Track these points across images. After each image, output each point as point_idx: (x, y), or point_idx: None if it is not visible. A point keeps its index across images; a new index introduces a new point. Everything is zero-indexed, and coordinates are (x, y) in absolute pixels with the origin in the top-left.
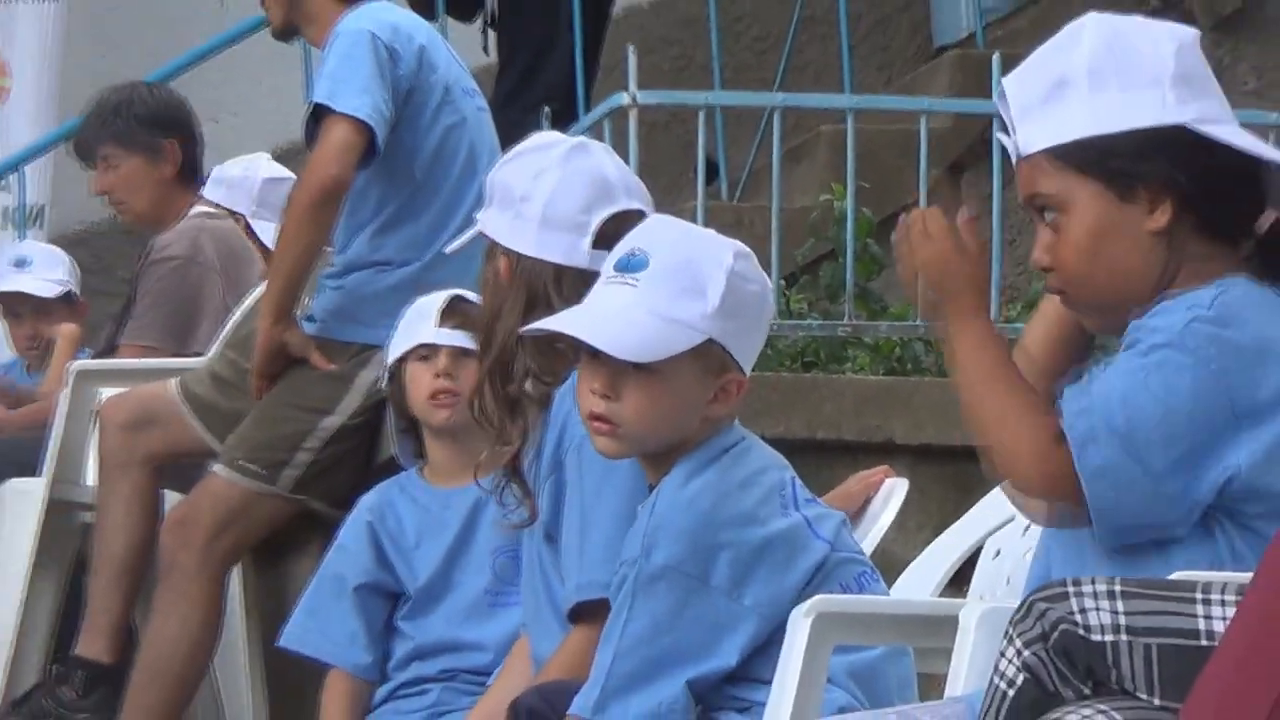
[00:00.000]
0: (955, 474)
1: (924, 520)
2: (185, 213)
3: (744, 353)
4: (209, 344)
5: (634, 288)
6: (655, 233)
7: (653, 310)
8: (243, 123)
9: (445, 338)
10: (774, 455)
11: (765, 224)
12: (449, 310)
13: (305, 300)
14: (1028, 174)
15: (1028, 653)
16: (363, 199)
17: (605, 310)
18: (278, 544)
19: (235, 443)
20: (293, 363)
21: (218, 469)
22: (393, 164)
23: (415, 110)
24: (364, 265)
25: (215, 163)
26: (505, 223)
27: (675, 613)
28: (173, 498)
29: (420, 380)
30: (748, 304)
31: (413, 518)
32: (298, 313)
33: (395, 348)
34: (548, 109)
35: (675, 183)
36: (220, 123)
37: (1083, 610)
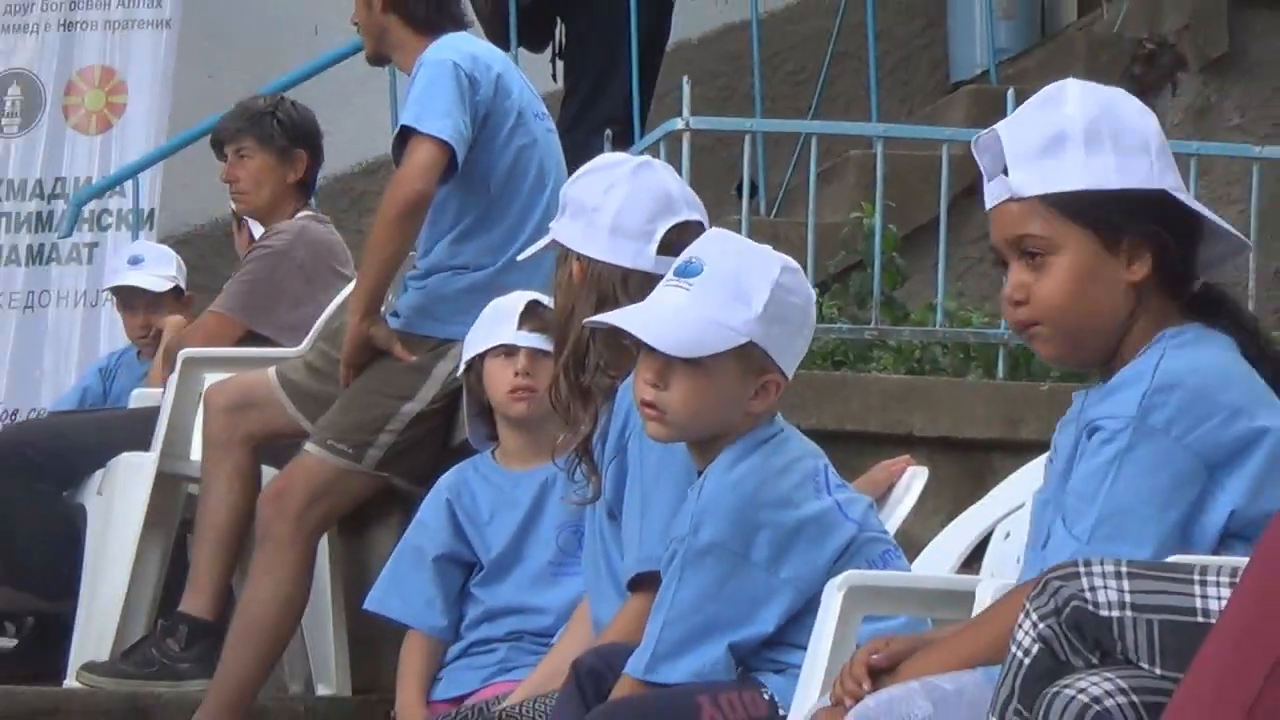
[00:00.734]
0: (969, 463)
1: (940, 505)
2: (291, 213)
3: (784, 356)
4: (282, 327)
5: (687, 291)
6: (712, 244)
7: (702, 312)
8: (332, 139)
9: (525, 339)
10: (809, 445)
11: (800, 238)
12: (527, 314)
13: (391, 298)
14: (1018, 215)
15: (1043, 625)
16: (443, 210)
17: (660, 309)
18: (362, 517)
19: (325, 425)
20: (378, 354)
21: (310, 448)
22: (470, 179)
23: (491, 132)
24: (443, 268)
25: None
26: (578, 231)
27: (719, 584)
28: (269, 473)
29: (501, 376)
30: (790, 313)
31: (486, 496)
32: (383, 310)
33: (476, 344)
34: (609, 132)
35: (720, 199)
36: None
37: (1092, 589)
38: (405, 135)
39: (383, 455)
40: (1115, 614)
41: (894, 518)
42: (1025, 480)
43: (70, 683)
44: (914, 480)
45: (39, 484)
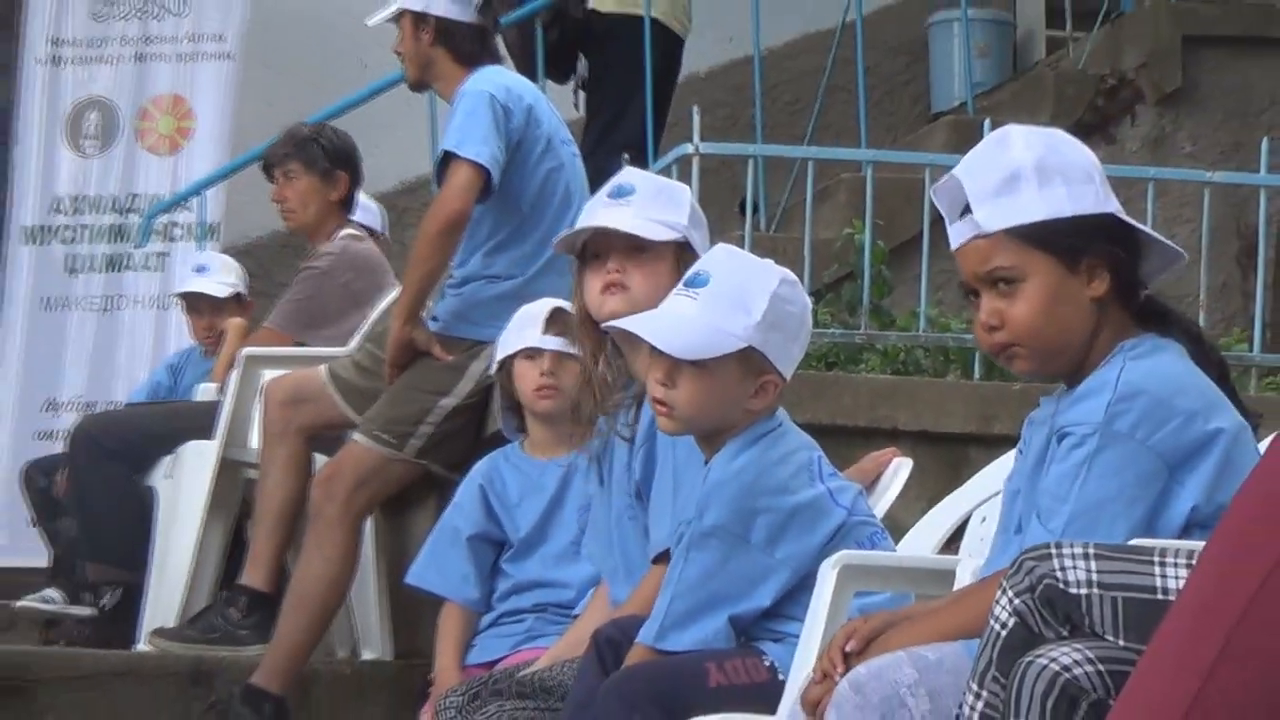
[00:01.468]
0: (948, 455)
1: (922, 492)
2: (335, 233)
3: (782, 360)
4: (334, 339)
5: (694, 300)
6: (718, 258)
7: (707, 320)
8: (376, 162)
9: (549, 343)
10: (805, 438)
11: (797, 251)
12: (552, 319)
13: (430, 304)
14: (985, 250)
15: (1018, 601)
16: (479, 225)
17: (670, 317)
18: (403, 500)
19: (371, 417)
20: (419, 354)
21: (357, 438)
22: (504, 199)
23: (523, 156)
24: (478, 278)
25: None
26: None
27: (722, 563)
28: (320, 461)
29: (527, 376)
30: (787, 321)
31: (515, 482)
32: (424, 314)
33: (506, 346)
34: (626, 155)
35: (725, 216)
36: None
37: (1063, 568)
38: (447, 159)
39: (422, 445)
40: (1083, 591)
41: (881, 503)
42: (998, 471)
43: (142, 646)
44: (899, 470)
45: (115, 468)
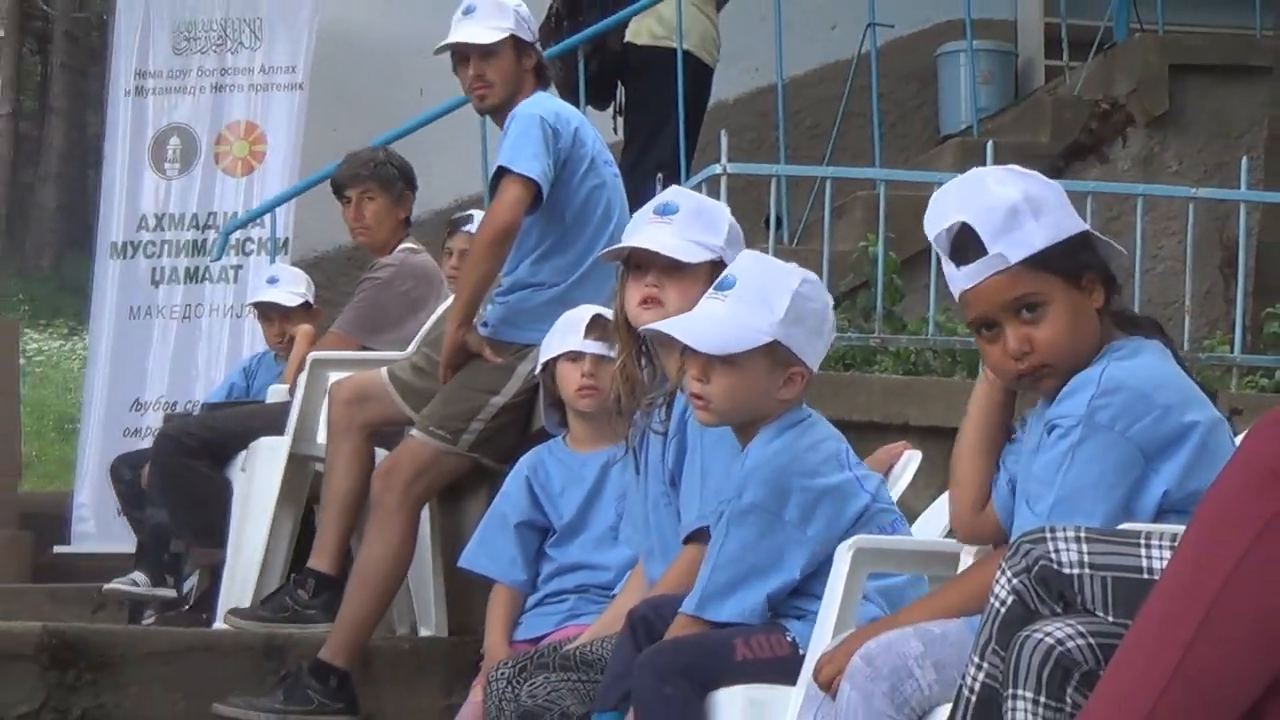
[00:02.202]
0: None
1: (931, 481)
2: (396, 246)
3: (806, 352)
4: (393, 343)
5: (723, 302)
6: (744, 263)
7: (734, 318)
8: (432, 181)
9: (590, 347)
10: (833, 429)
11: (816, 263)
12: (592, 325)
13: (481, 311)
14: (1007, 282)
15: (1015, 580)
16: (526, 236)
17: (701, 319)
18: (457, 489)
19: (427, 414)
20: (471, 357)
21: (414, 433)
22: (550, 212)
23: (569, 174)
24: (525, 285)
25: None
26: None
27: (758, 538)
28: (381, 454)
29: (569, 377)
30: (808, 316)
31: (559, 473)
32: (476, 320)
33: (550, 348)
34: (660, 175)
35: (750, 231)
36: None
37: (1056, 550)
38: (500, 175)
39: (474, 439)
40: (1075, 571)
41: (894, 492)
42: None
43: (219, 624)
44: (910, 462)
45: (196, 462)
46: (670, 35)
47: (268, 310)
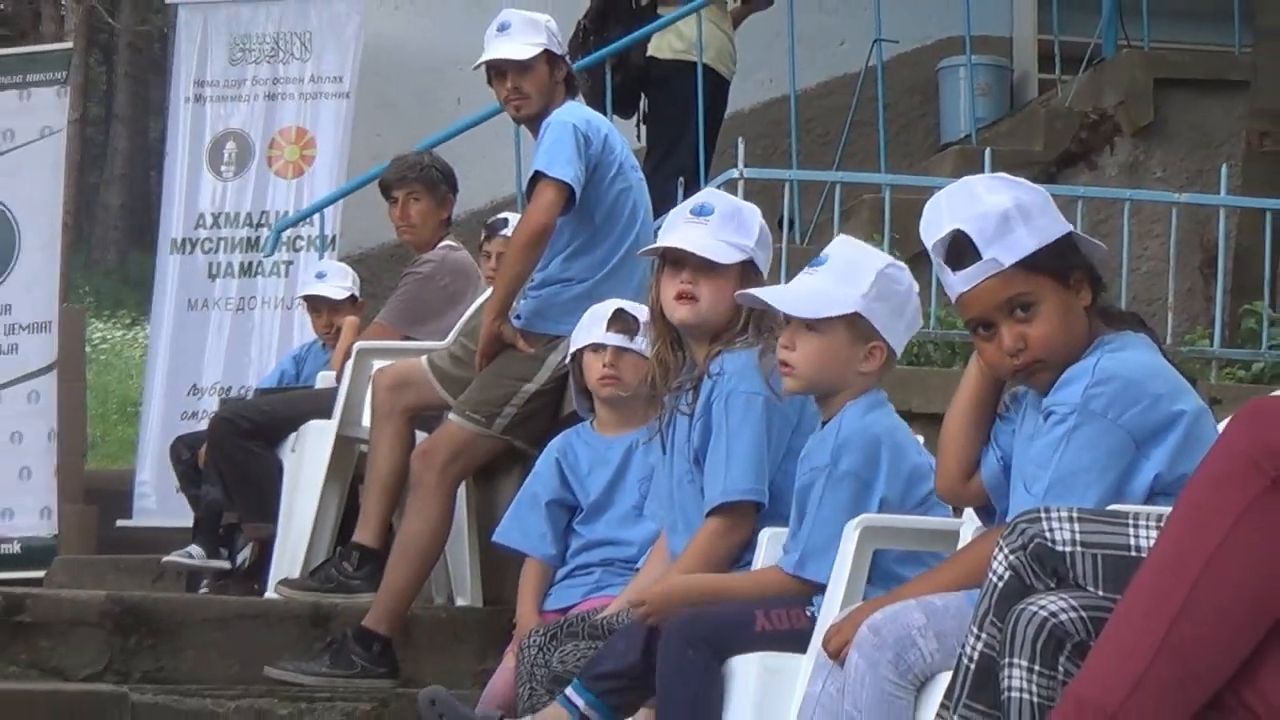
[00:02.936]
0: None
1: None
2: (437, 244)
3: (889, 330)
4: (433, 333)
5: (813, 276)
6: (838, 245)
7: (823, 289)
8: (469, 184)
9: (611, 339)
10: None
11: None
12: (615, 319)
13: (516, 304)
14: (1002, 283)
15: (1012, 557)
16: (559, 235)
17: (793, 288)
18: (491, 470)
19: (464, 400)
20: (505, 347)
21: (452, 417)
22: (581, 213)
23: (599, 178)
24: (556, 281)
25: None
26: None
27: (852, 503)
28: (420, 437)
29: (593, 366)
30: (891, 295)
31: (586, 455)
32: (510, 313)
33: (577, 341)
34: (681, 179)
35: None
36: None
37: (1051, 529)
38: (535, 179)
39: (507, 423)
40: (1069, 549)
41: None
42: None
43: (270, 594)
44: None
45: (249, 443)
46: (690, 50)
47: (316, 302)
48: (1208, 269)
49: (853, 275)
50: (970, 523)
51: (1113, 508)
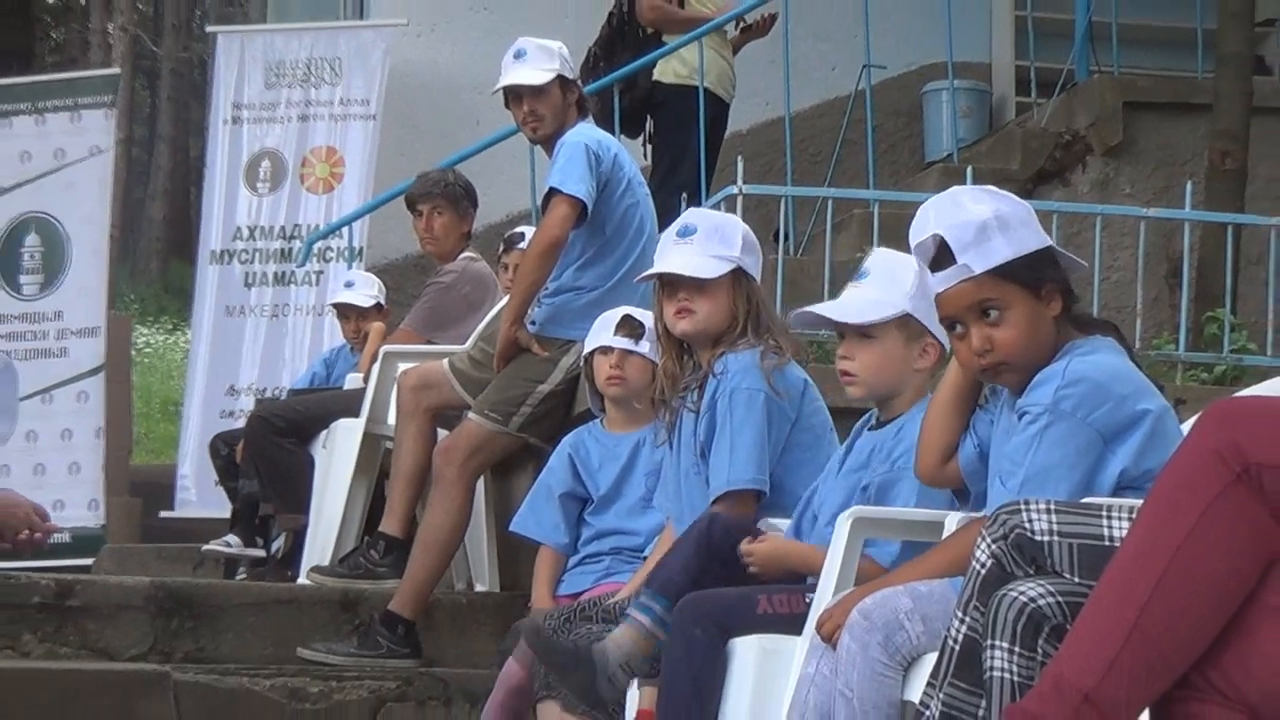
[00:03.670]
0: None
1: None
2: (458, 255)
3: (935, 325)
4: (454, 338)
5: (860, 288)
6: (877, 256)
7: (870, 297)
8: (487, 198)
9: (618, 343)
10: None
11: (818, 271)
12: (621, 324)
13: (531, 311)
14: (973, 288)
15: (994, 546)
16: (571, 246)
17: (843, 300)
18: (508, 464)
19: (483, 400)
20: (521, 350)
21: (471, 416)
22: (593, 226)
23: (609, 194)
24: (569, 289)
25: None
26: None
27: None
28: (442, 434)
29: (602, 368)
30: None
31: (596, 451)
32: (526, 319)
33: (588, 344)
34: (684, 195)
35: (762, 243)
36: None
37: (1030, 520)
38: (550, 194)
39: (523, 422)
40: (1046, 539)
41: None
42: None
43: (302, 580)
44: None
45: (283, 439)
46: (692, 75)
47: (345, 309)
48: (1173, 278)
49: (895, 280)
50: (954, 514)
51: (1086, 500)
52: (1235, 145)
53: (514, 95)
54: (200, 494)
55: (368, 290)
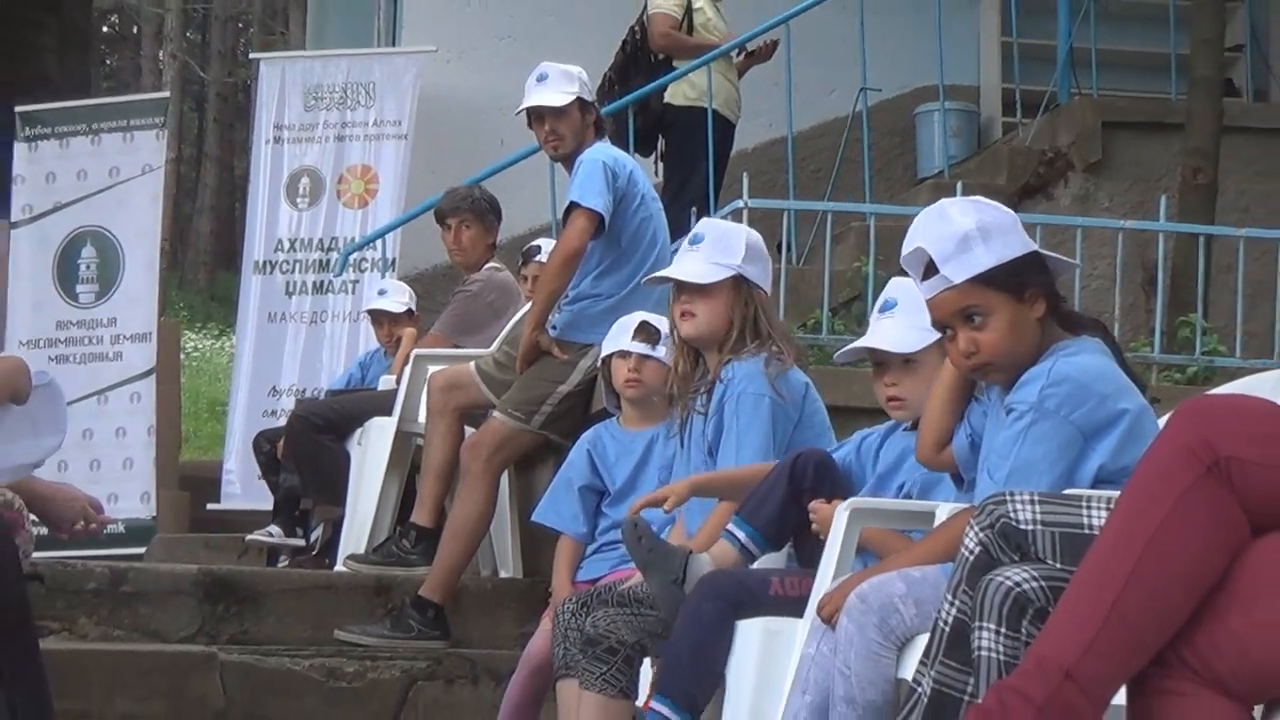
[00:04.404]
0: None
1: None
2: (484, 265)
3: None
4: (480, 342)
5: (893, 319)
6: (898, 287)
7: (905, 327)
8: (511, 211)
9: (635, 347)
10: None
11: (819, 280)
12: (638, 330)
13: (552, 316)
14: (957, 295)
15: (982, 534)
16: (589, 257)
17: (882, 334)
18: (531, 459)
19: (506, 400)
20: (542, 354)
21: (496, 414)
22: (609, 238)
23: (624, 208)
24: (587, 296)
25: None
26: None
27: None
28: (469, 431)
29: (619, 371)
30: None
31: (613, 447)
32: (547, 324)
33: (607, 347)
34: (694, 209)
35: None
36: None
37: (1015, 510)
38: (570, 208)
39: (544, 420)
40: (1030, 528)
41: None
42: None
43: (339, 567)
44: None
45: (321, 437)
46: (701, 97)
47: (379, 316)
48: (1148, 286)
49: (923, 306)
50: (944, 505)
51: (1068, 491)
52: (1206, 162)
53: (536, 116)
54: (244, 488)
55: (400, 298)
